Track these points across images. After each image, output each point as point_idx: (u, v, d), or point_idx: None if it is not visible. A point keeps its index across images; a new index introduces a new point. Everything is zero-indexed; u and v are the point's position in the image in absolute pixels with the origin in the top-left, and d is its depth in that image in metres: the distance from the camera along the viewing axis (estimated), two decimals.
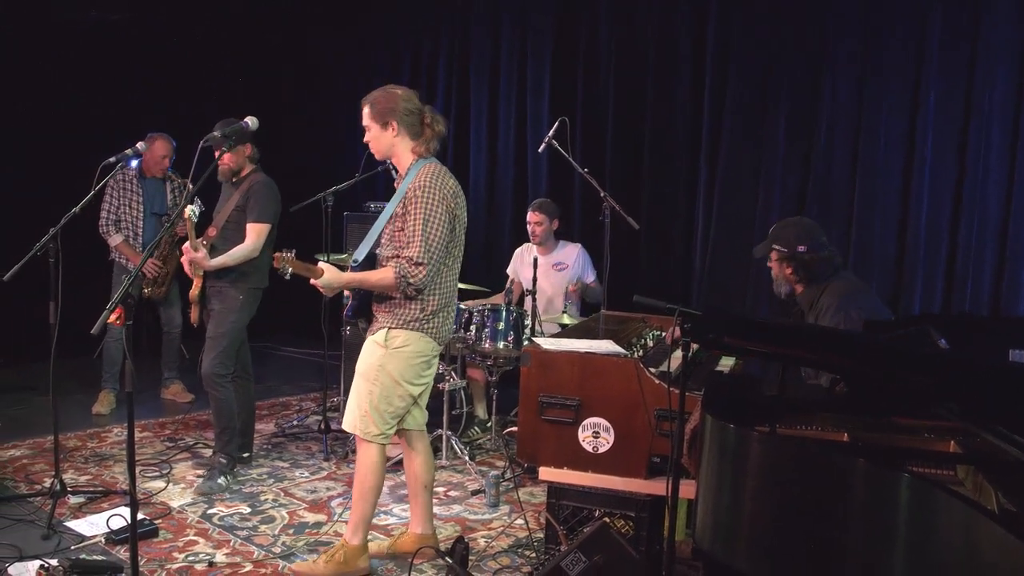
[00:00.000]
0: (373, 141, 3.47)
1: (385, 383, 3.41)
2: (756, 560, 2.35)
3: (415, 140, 3.47)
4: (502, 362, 5.16)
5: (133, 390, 2.74)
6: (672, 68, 6.06)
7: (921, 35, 4.99)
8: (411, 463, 3.72)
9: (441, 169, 3.50)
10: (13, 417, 5.52)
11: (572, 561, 2.92)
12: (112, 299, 2.82)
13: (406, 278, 3.31)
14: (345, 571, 3.46)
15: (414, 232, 3.33)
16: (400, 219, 3.39)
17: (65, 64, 7.01)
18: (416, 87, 8.09)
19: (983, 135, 4.79)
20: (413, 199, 3.35)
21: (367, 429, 3.45)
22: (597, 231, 5.09)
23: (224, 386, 4.48)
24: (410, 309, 3.41)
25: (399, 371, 3.42)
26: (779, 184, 5.57)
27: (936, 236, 4.99)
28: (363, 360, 3.46)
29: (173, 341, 6.08)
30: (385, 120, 3.42)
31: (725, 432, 2.38)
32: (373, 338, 3.46)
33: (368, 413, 3.43)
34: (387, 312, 3.44)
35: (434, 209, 3.36)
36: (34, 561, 3.27)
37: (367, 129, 3.46)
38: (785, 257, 3.38)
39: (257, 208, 4.40)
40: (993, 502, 2.12)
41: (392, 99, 3.43)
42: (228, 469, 4.52)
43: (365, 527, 3.54)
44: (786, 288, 3.53)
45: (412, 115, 3.45)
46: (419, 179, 3.39)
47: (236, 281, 4.45)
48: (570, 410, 3.33)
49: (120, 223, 5.65)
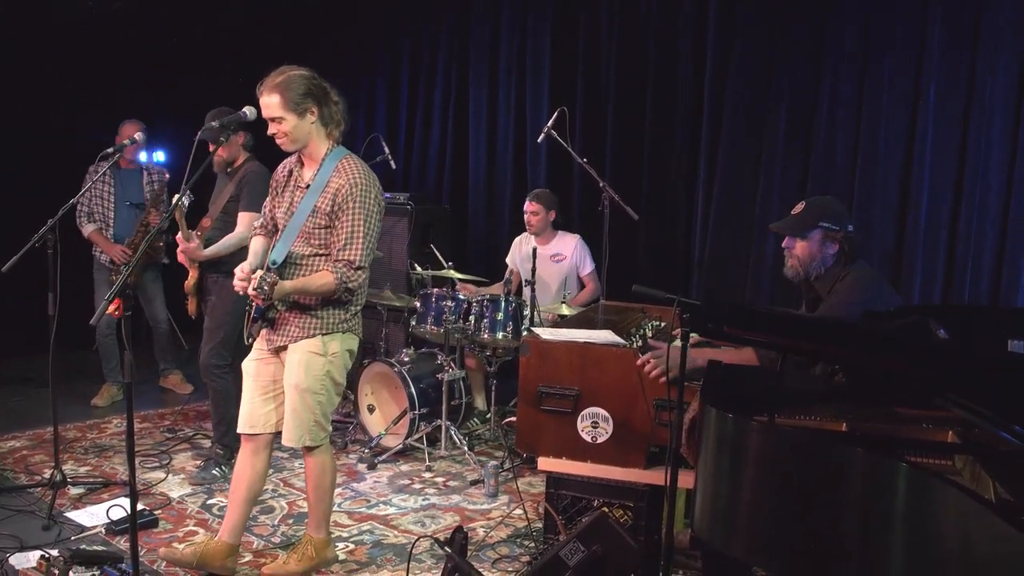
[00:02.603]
0: (290, 132, 3.17)
1: (329, 388, 3.33)
2: (754, 549, 2.36)
3: (330, 124, 3.25)
4: (501, 352, 5.16)
5: (132, 381, 2.74)
6: (672, 58, 6.04)
7: (922, 26, 4.97)
8: (254, 468, 3.43)
9: (362, 161, 3.32)
10: (13, 408, 5.53)
11: (571, 551, 2.92)
12: (111, 290, 2.82)
13: (346, 283, 3.17)
14: (318, 564, 3.47)
15: (353, 234, 3.17)
16: (324, 216, 3.20)
17: (64, 60, 6.99)
18: (415, 76, 8.11)
19: (984, 127, 4.77)
20: (350, 198, 3.16)
21: (317, 436, 3.35)
22: (596, 221, 5.08)
23: (221, 377, 4.49)
24: (338, 313, 3.29)
25: (339, 373, 3.35)
26: (779, 175, 5.55)
27: (936, 227, 4.97)
28: (303, 373, 3.26)
29: (161, 337, 6.04)
30: (304, 107, 3.15)
31: (724, 422, 2.39)
32: (304, 348, 3.26)
33: (319, 420, 3.33)
34: (315, 318, 3.27)
35: (371, 210, 3.20)
36: (35, 551, 3.28)
37: (278, 121, 3.15)
38: (836, 236, 3.17)
39: (248, 197, 4.36)
40: (991, 492, 2.13)
41: (305, 81, 3.16)
42: (224, 459, 4.52)
43: (329, 520, 3.54)
44: (816, 269, 3.23)
45: (326, 96, 3.23)
46: (351, 175, 3.19)
47: (231, 272, 4.39)
48: (569, 400, 3.33)
49: (92, 214, 5.62)
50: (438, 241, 6.09)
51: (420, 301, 5.18)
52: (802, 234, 3.22)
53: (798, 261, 3.25)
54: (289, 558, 3.47)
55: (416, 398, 4.85)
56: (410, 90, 7.71)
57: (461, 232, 7.17)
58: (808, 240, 3.21)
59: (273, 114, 3.16)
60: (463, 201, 7.27)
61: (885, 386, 2.67)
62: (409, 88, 7.70)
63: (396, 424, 4.95)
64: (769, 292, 5.49)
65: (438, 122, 7.50)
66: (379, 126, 7.64)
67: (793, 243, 3.26)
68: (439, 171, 7.52)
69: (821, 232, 3.19)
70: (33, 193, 6.05)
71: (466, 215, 7.24)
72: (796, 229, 3.24)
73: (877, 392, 2.71)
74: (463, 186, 7.30)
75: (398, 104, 7.77)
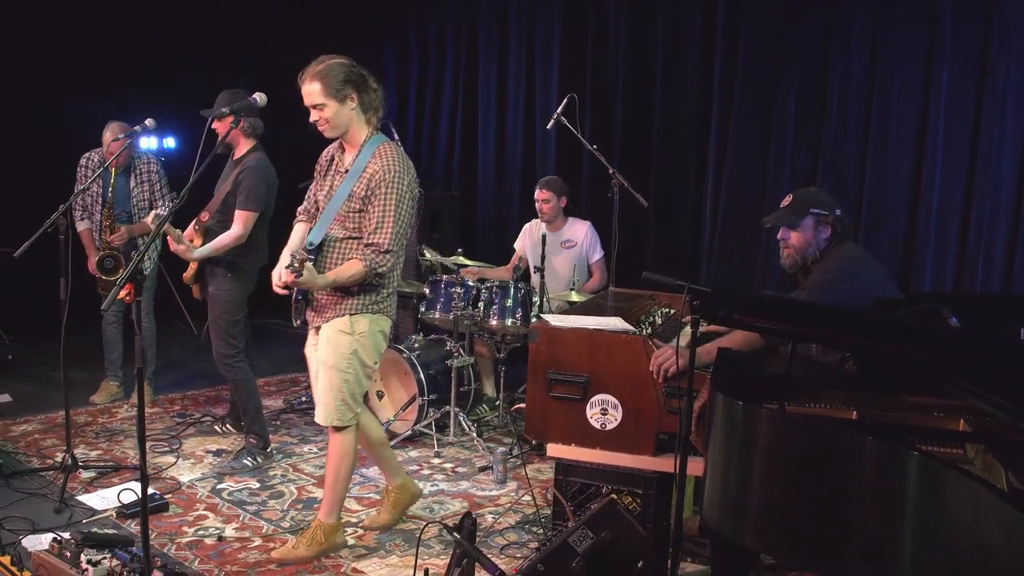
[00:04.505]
0: (331, 119, 3.26)
1: (357, 368, 3.38)
2: (764, 537, 2.36)
3: (369, 111, 3.34)
4: (510, 339, 5.16)
5: (143, 366, 2.75)
6: (682, 45, 6.01)
7: (933, 11, 4.93)
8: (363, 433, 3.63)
9: (401, 149, 3.40)
10: (25, 392, 5.56)
11: (579, 537, 2.93)
12: (121, 275, 2.82)
13: (375, 268, 3.25)
14: (327, 549, 3.49)
15: (384, 218, 3.24)
16: (359, 200, 3.28)
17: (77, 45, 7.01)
18: (424, 64, 8.10)
19: (996, 113, 4.74)
20: (383, 183, 3.23)
21: (345, 415, 3.42)
22: (606, 208, 5.07)
23: (236, 366, 4.46)
24: (370, 293, 3.36)
25: (367, 354, 3.40)
26: (789, 161, 5.53)
27: (948, 214, 4.95)
28: (331, 351, 3.36)
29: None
30: (344, 94, 3.24)
31: (734, 409, 2.38)
32: (334, 326, 3.36)
33: (346, 400, 3.40)
34: (346, 298, 3.35)
35: (404, 195, 3.27)
36: (47, 534, 3.29)
37: (320, 108, 3.24)
38: (828, 220, 3.25)
39: (244, 194, 4.26)
40: (1003, 481, 2.12)
41: (345, 69, 3.25)
42: (258, 449, 4.51)
43: (341, 506, 3.58)
44: (812, 254, 3.27)
45: (365, 83, 3.31)
46: (386, 161, 3.27)
47: (227, 263, 4.35)
48: (578, 387, 3.33)
49: (86, 210, 5.28)
50: (447, 228, 6.08)
51: (429, 287, 5.18)
52: (795, 223, 3.28)
53: (794, 250, 3.31)
54: (298, 543, 3.49)
55: (425, 384, 4.86)
56: (419, 78, 7.69)
57: (470, 219, 7.17)
58: (801, 228, 3.27)
59: (314, 101, 3.23)
60: (472, 189, 7.27)
61: (896, 374, 2.67)
62: (419, 76, 7.69)
63: (405, 410, 4.96)
64: (778, 280, 5.47)
65: (447, 109, 7.49)
66: (388, 114, 7.60)
67: (787, 234, 3.32)
68: (448, 159, 7.52)
69: (813, 218, 3.26)
70: (46, 179, 6.09)
71: (475, 202, 7.23)
72: (788, 219, 3.30)
73: (888, 380, 2.70)
74: (472, 174, 7.29)
75: (407, 92, 7.76)
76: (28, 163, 6.63)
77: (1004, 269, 4.76)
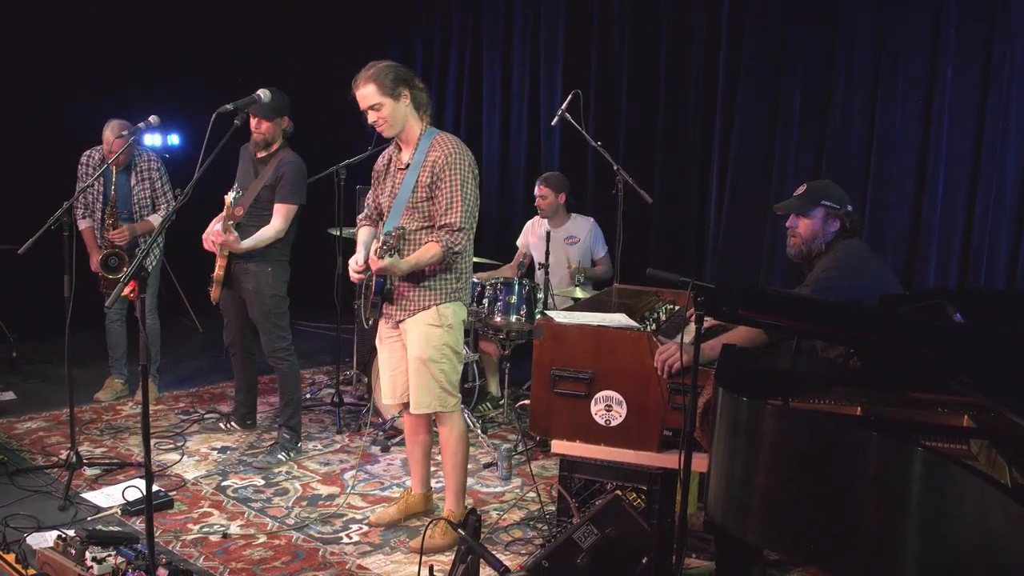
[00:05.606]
0: (388, 118, 3.39)
1: (450, 357, 3.53)
2: (768, 533, 2.36)
3: (421, 107, 3.47)
4: (514, 336, 5.16)
5: (147, 363, 2.76)
6: (686, 42, 6.00)
7: (938, 7, 4.92)
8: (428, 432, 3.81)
9: (454, 136, 3.54)
10: (29, 390, 5.57)
11: (584, 534, 2.93)
12: (126, 272, 2.83)
13: (451, 248, 3.38)
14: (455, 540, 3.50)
15: (452, 199, 3.38)
16: (425, 188, 3.41)
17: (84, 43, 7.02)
18: (428, 60, 8.09)
19: (1001, 110, 4.72)
20: (447, 167, 3.38)
21: (447, 402, 3.55)
22: (610, 204, 5.07)
23: (288, 359, 4.55)
24: (448, 282, 3.48)
25: (456, 342, 3.55)
26: (793, 158, 5.52)
27: (952, 211, 4.93)
28: (423, 345, 3.48)
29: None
30: (398, 92, 3.38)
31: (738, 405, 2.38)
32: (422, 320, 3.48)
33: (445, 387, 3.53)
34: (429, 290, 3.47)
35: (467, 175, 3.42)
36: (51, 531, 3.30)
37: (377, 108, 3.37)
38: (838, 214, 3.27)
39: (287, 187, 4.37)
40: (1007, 476, 2.12)
41: (394, 69, 3.40)
42: (291, 444, 4.56)
43: (464, 492, 3.73)
44: (818, 246, 3.29)
45: (412, 81, 3.45)
46: (445, 147, 3.42)
47: (262, 259, 4.42)
48: (583, 383, 3.33)
49: (87, 209, 5.23)
50: None
51: None
52: (805, 212, 3.30)
53: (801, 239, 3.33)
54: (435, 529, 3.56)
55: None
56: (423, 77, 7.65)
57: None
58: (811, 218, 3.29)
59: (371, 102, 3.36)
60: None
61: (900, 370, 2.66)
62: (423, 75, 7.67)
63: None
64: (783, 276, 5.47)
65: (451, 105, 7.48)
66: None
67: (796, 222, 3.33)
68: None
69: (823, 210, 3.28)
70: (47, 177, 6.09)
71: (480, 200, 7.22)
72: (799, 207, 3.32)
73: (892, 376, 2.69)
74: None
75: None
76: (29, 161, 6.64)
77: (1008, 265, 4.74)
